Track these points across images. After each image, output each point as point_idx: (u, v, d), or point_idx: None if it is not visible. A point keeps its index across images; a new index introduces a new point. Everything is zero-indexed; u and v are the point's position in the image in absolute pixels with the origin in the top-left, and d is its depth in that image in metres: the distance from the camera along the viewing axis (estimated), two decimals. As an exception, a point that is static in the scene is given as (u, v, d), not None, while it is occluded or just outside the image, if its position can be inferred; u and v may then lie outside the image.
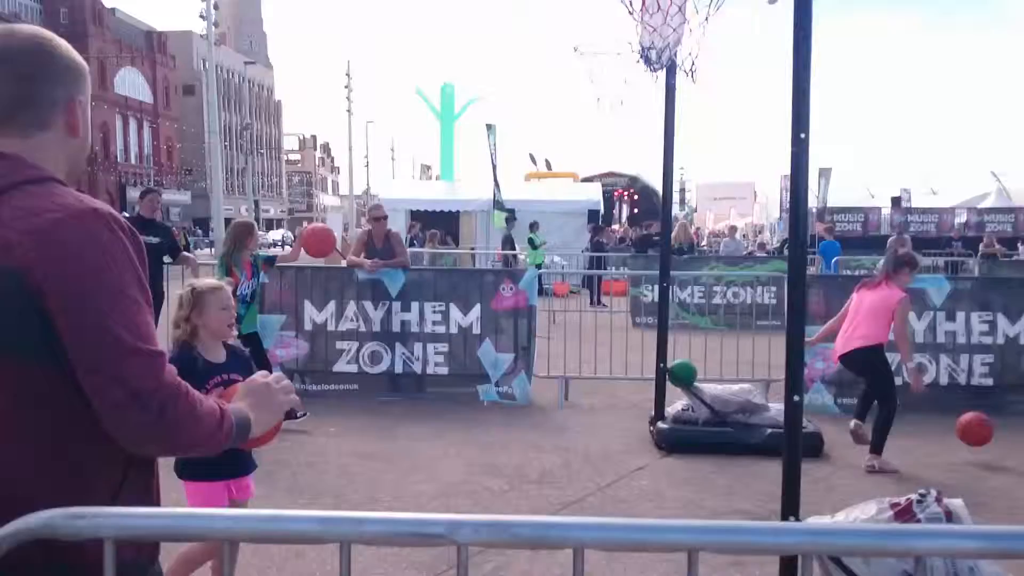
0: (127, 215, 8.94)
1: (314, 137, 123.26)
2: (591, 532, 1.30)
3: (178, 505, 4.05)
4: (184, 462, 3.55)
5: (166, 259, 8.88)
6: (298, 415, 7.33)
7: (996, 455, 6.80)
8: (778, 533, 1.30)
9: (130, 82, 68.14)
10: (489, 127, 24.45)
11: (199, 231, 51.84)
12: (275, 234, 78.52)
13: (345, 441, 7.06)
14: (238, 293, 6.93)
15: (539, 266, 17.97)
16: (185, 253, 9.42)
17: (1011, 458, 6.73)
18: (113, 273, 1.54)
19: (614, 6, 4.11)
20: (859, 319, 6.59)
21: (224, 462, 3.47)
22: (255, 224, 7.96)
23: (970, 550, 1.30)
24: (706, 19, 3.88)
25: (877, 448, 6.48)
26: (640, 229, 27.60)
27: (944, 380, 8.21)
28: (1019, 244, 24.46)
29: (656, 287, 9.65)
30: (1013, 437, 7.11)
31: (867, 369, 6.70)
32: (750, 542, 1.31)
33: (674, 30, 4.20)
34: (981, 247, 22.84)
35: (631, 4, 4.08)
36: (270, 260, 7.78)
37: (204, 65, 61.93)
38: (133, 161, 68.83)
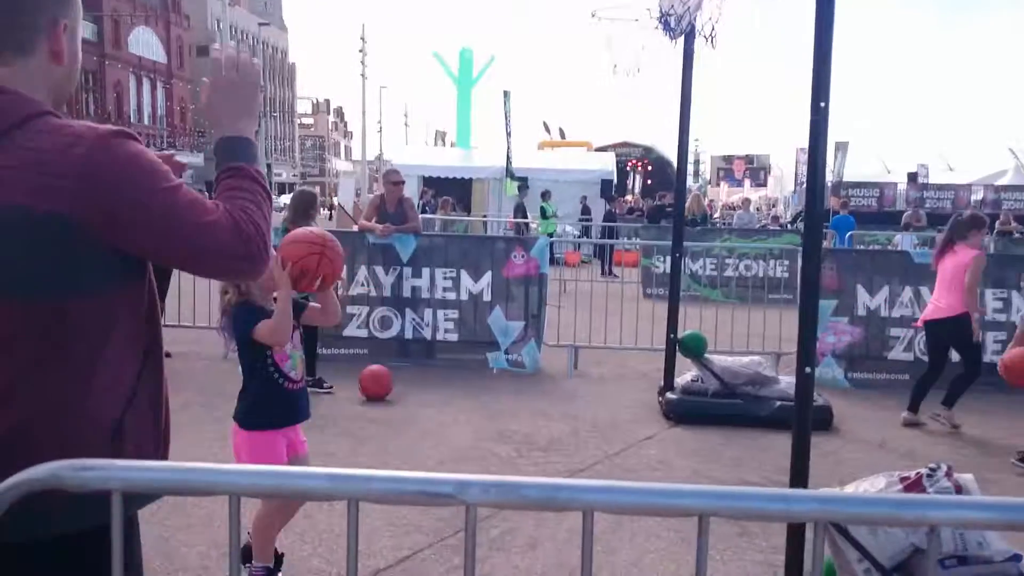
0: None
1: (327, 101, 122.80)
2: (600, 495, 1.29)
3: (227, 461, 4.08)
4: (244, 411, 3.59)
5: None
6: (324, 386, 7.33)
7: (1007, 432, 6.78)
8: (788, 500, 1.29)
9: (144, 41, 67.89)
10: (506, 94, 24.25)
11: (206, 194, 51.88)
12: (286, 198, 78.64)
13: (354, 405, 7.08)
14: None
15: (551, 235, 17.93)
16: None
17: (1018, 437, 6.70)
18: (157, 175, 1.62)
19: (633, -31, 4.05)
20: (940, 290, 6.89)
21: (280, 408, 3.61)
22: (317, 194, 7.85)
23: (982, 521, 1.28)
24: (727, -18, 3.82)
25: (950, 401, 6.86)
26: (652, 200, 27.47)
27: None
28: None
29: (668, 258, 9.62)
30: (1018, 414, 7.08)
31: (953, 338, 6.89)
32: (760, 508, 1.30)
33: (695, -3, 4.14)
34: (997, 224, 22.65)
35: (652, -31, 4.02)
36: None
37: (218, 25, 61.68)
38: (147, 122, 68.75)
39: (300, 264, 3.41)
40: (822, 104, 3.27)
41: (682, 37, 5.58)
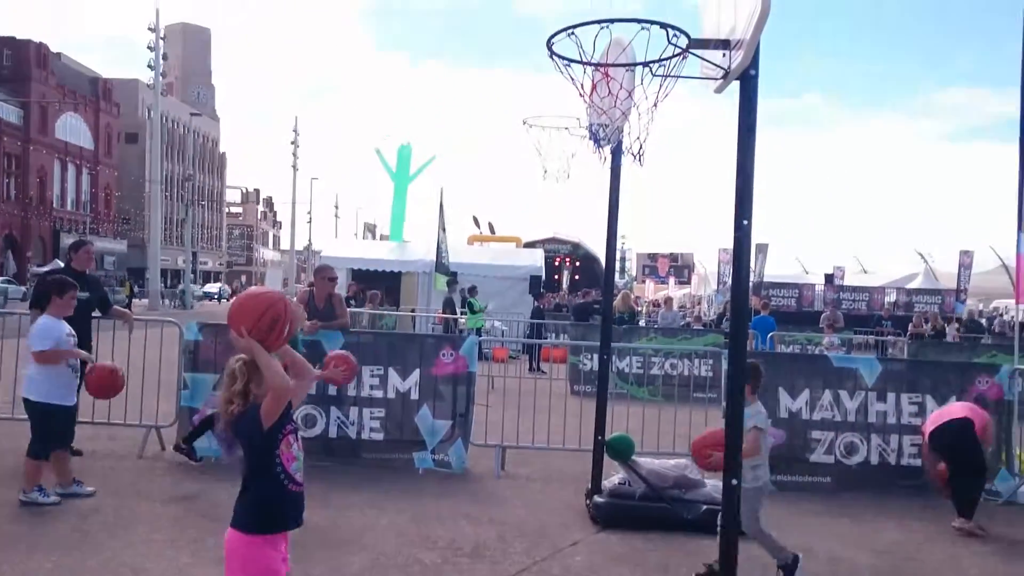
0: (60, 264, 8.58)
1: (257, 191, 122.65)
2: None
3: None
4: (247, 513, 3.42)
5: (95, 313, 8.49)
6: (195, 458, 7.17)
7: (923, 536, 6.89)
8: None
9: (71, 127, 67.20)
10: (441, 191, 24.56)
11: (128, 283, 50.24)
12: (212, 287, 77.42)
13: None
14: None
15: (478, 331, 17.98)
16: (118, 308, 9.12)
17: (938, 540, 6.82)
18: None
19: (564, 84, 4.19)
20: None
21: (284, 510, 3.44)
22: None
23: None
24: (654, 105, 3.98)
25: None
26: (578, 296, 27.84)
27: (875, 460, 8.34)
28: (947, 325, 25.17)
29: (595, 356, 9.69)
30: (940, 517, 7.22)
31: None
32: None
33: (623, 113, 4.30)
34: (910, 327, 23.49)
35: (582, 86, 4.17)
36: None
37: (149, 114, 61.43)
38: (69, 207, 67.53)
39: (269, 314, 3.29)
40: (745, 222, 3.39)
41: (609, 150, 5.76)
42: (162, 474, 7.77)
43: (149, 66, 47.84)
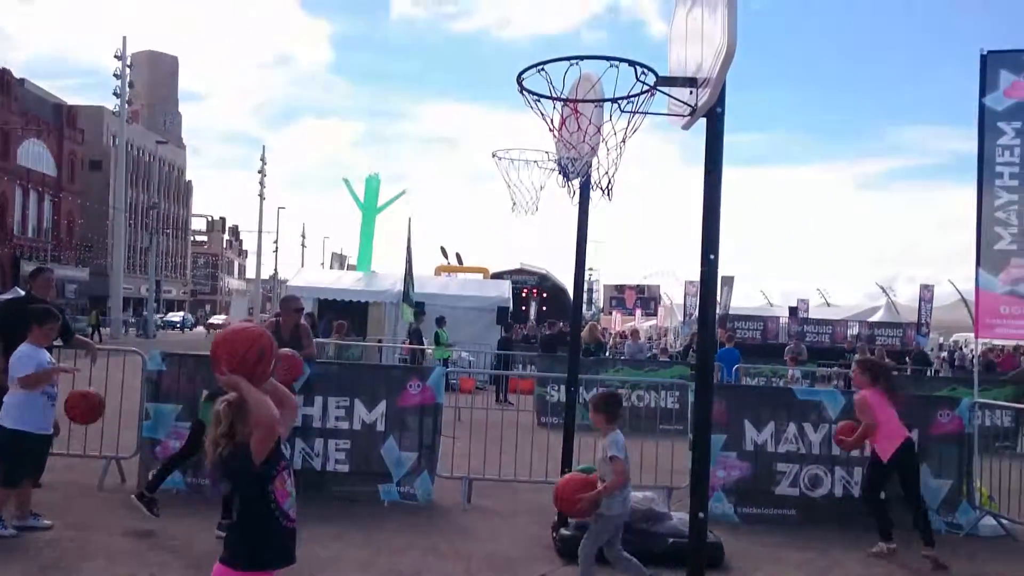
0: (20, 291, 8.42)
1: (223, 219, 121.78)
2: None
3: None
4: (238, 548, 3.39)
5: (57, 342, 8.37)
6: (154, 511, 6.98)
7: (886, 571, 6.94)
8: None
9: (34, 154, 66.33)
10: (409, 220, 24.59)
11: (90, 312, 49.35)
12: (175, 316, 76.53)
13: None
14: None
15: (445, 361, 17.92)
16: (80, 337, 8.95)
17: (901, 573, 6.87)
18: None
19: (533, 119, 4.23)
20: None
21: (277, 546, 3.41)
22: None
23: None
24: (623, 140, 4.02)
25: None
26: (545, 328, 27.87)
27: (839, 492, 8.40)
28: (906, 359, 25.54)
29: (562, 387, 9.70)
30: (903, 551, 7.27)
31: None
32: None
33: (591, 148, 4.34)
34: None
35: (551, 121, 4.21)
36: None
37: (114, 141, 60.97)
38: (31, 234, 66.48)
39: (255, 349, 3.27)
40: (711, 256, 3.44)
41: (578, 184, 5.81)
42: (121, 506, 7.61)
43: (115, 93, 47.63)
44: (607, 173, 4.13)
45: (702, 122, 4.10)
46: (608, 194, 4.26)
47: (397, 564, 6.38)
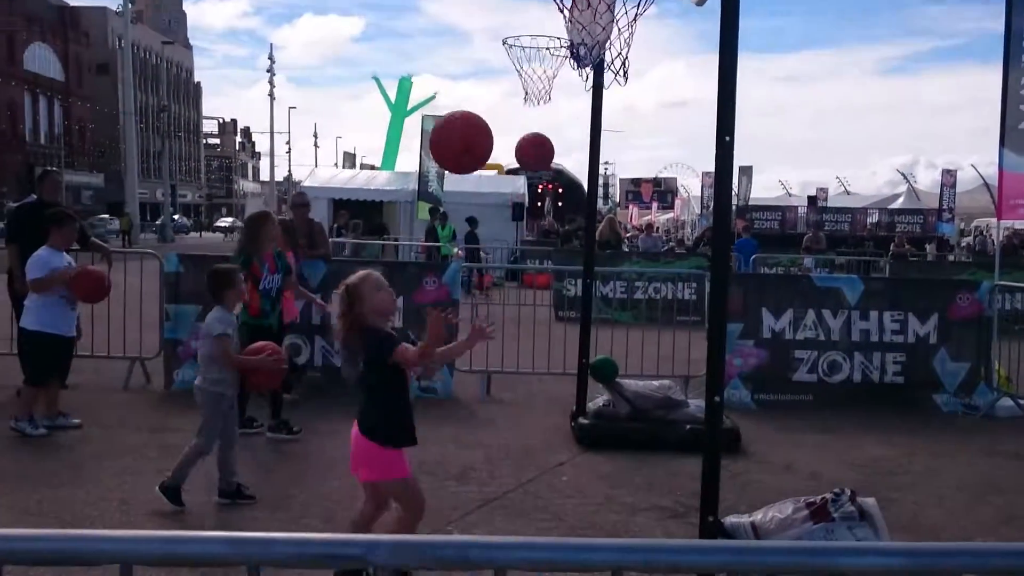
0: (34, 197, 8.35)
1: (234, 121, 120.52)
2: (513, 552, 1.26)
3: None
4: (380, 426, 4.05)
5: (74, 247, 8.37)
6: (295, 429, 6.96)
7: (904, 451, 7.01)
8: (703, 552, 1.28)
9: (40, 58, 65.51)
10: (425, 118, 24.20)
11: (98, 219, 49.10)
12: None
13: (261, 436, 6.89)
14: (260, 288, 6.71)
15: (445, 257, 17.87)
16: (97, 241, 8.85)
17: (918, 454, 6.94)
18: None
19: (544, 5, 4.07)
20: None
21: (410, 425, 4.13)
22: (270, 214, 7.49)
23: (894, 567, 1.29)
24: (635, 19, 3.86)
25: None
26: (565, 224, 27.77)
27: (858, 377, 8.43)
28: (927, 244, 25.33)
29: (579, 282, 9.69)
30: (921, 432, 7.34)
31: None
32: (674, 561, 1.29)
33: (603, 28, 4.18)
34: (892, 247, 23.62)
35: (562, 1, 4.04)
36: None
37: (119, 43, 59.99)
38: (43, 141, 66.24)
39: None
40: (727, 139, 3.34)
41: (591, 69, 5.64)
42: (147, 405, 7.77)
43: (117, -7, 46.55)
44: (620, 53, 3.99)
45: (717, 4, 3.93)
46: (623, 76, 4.12)
47: (419, 455, 6.46)
